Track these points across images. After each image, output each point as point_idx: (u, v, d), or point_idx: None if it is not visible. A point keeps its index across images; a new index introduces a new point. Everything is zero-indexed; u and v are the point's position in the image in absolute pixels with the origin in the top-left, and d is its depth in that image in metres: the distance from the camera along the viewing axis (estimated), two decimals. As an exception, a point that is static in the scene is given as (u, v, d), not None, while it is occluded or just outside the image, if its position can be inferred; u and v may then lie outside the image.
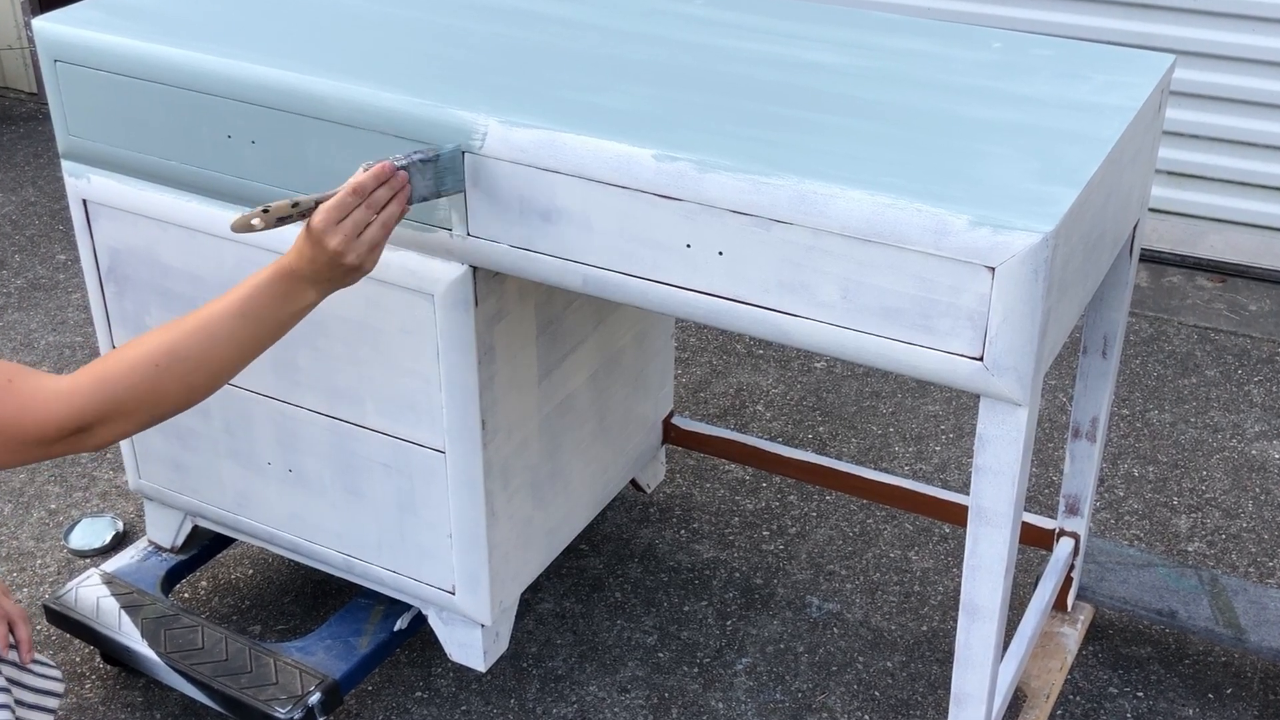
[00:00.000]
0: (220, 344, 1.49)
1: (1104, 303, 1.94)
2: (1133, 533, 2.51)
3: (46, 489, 2.60)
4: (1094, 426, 2.04)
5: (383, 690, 2.15)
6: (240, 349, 1.51)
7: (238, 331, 1.50)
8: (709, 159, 1.48)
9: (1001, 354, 1.40)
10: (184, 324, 1.50)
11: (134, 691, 2.14)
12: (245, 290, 1.51)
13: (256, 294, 1.50)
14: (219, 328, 1.49)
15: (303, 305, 1.53)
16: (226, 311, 1.50)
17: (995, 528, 1.52)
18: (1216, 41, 3.20)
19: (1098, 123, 1.57)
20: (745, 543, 2.48)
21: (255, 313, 1.50)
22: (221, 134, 1.78)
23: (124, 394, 1.47)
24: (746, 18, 1.89)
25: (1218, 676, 2.18)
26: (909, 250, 1.40)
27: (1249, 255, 3.40)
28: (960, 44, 1.81)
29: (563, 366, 2.01)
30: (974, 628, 1.61)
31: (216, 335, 1.49)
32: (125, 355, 1.48)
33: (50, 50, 1.87)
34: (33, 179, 3.90)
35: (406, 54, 1.77)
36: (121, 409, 1.47)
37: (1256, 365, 3.05)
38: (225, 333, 1.49)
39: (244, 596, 2.34)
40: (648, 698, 2.14)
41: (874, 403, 2.90)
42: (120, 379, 1.47)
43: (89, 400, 1.46)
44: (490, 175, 1.61)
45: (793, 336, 1.51)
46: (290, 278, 1.51)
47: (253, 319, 1.50)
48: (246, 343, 1.52)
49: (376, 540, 1.98)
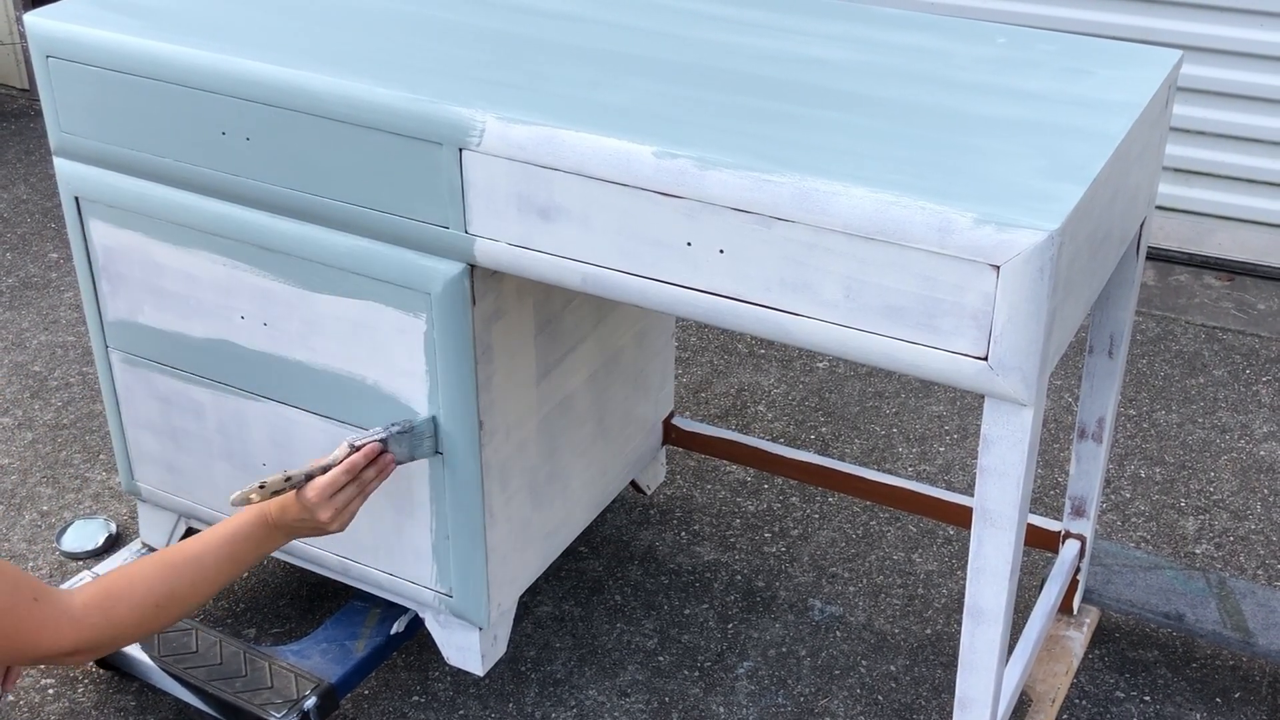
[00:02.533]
0: (207, 583, 1.73)
1: (1110, 301, 1.94)
2: (1139, 535, 2.51)
3: (39, 490, 2.60)
4: (1100, 427, 2.04)
5: (379, 694, 2.15)
6: (220, 585, 1.75)
7: (223, 571, 1.74)
8: (710, 156, 1.48)
9: (1006, 353, 1.41)
10: (178, 564, 1.72)
11: (127, 696, 2.14)
12: (230, 535, 1.74)
13: (240, 540, 1.74)
14: (209, 570, 1.73)
15: (273, 548, 1.79)
16: (216, 555, 1.73)
17: (1000, 530, 1.53)
18: (1224, 36, 3.21)
19: (1104, 119, 1.58)
20: (747, 545, 2.48)
21: (237, 556, 1.75)
22: (215, 130, 1.79)
23: (125, 630, 1.69)
24: (748, 12, 1.90)
25: (1226, 680, 2.18)
26: (912, 248, 1.40)
27: (1257, 253, 3.41)
28: (964, 39, 1.81)
29: (562, 366, 2.01)
30: (978, 631, 1.61)
31: (206, 576, 1.73)
32: (129, 596, 1.68)
33: (42, 46, 1.88)
34: (24, 176, 3.90)
35: (403, 49, 1.78)
36: (119, 639, 1.70)
37: (1265, 365, 3.05)
38: (213, 574, 1.73)
39: (238, 599, 2.34)
40: (648, 702, 2.14)
41: (877, 403, 2.90)
42: (124, 618, 1.68)
43: (95, 633, 1.66)
44: (488, 172, 1.61)
45: (795, 336, 1.52)
46: (271, 528, 1.75)
47: (234, 561, 1.75)
48: (225, 580, 1.75)
49: (373, 542, 1.98)
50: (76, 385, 2.93)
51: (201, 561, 1.72)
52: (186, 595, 1.71)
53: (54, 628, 1.63)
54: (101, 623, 1.66)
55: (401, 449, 1.79)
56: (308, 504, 1.72)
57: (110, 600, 1.67)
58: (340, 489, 1.73)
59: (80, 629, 1.64)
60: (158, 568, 1.70)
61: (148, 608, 1.68)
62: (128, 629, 1.68)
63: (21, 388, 2.92)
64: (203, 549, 1.72)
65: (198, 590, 1.72)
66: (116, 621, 1.67)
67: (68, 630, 1.63)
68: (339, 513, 1.74)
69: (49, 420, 2.81)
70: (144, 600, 1.68)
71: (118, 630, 1.67)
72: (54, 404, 2.86)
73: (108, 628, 1.66)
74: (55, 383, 2.94)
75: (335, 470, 1.72)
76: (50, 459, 2.69)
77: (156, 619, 1.70)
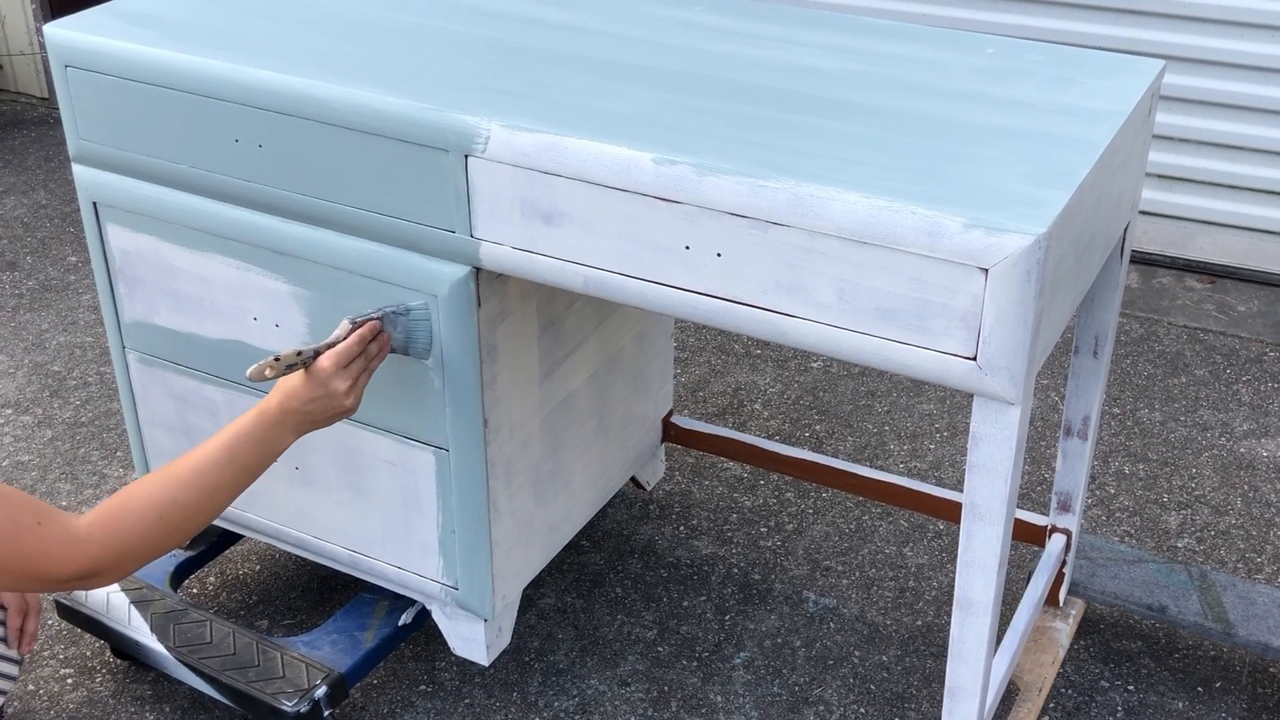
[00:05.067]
0: (213, 489, 1.65)
1: (1095, 303, 1.94)
2: (1123, 529, 2.51)
3: (58, 486, 2.61)
4: (1085, 425, 2.04)
5: (387, 684, 2.16)
6: (230, 491, 1.67)
7: (227, 476, 1.66)
8: (708, 162, 1.48)
9: (995, 354, 1.41)
10: (180, 472, 1.64)
11: (143, 685, 2.15)
12: (231, 438, 1.66)
13: (239, 441, 1.66)
14: (211, 475, 1.65)
15: (282, 448, 1.70)
16: (216, 460, 1.65)
17: (988, 524, 1.53)
18: (1206, 47, 3.20)
19: (1089, 127, 1.57)
20: (743, 539, 2.49)
21: (241, 459, 1.66)
22: (229, 138, 1.79)
23: (133, 544, 1.61)
24: (744, 23, 1.90)
25: (1207, 670, 2.19)
26: (904, 252, 1.41)
27: (1237, 257, 3.41)
28: (954, 49, 1.81)
29: (564, 366, 2.02)
30: (968, 622, 1.61)
31: (210, 482, 1.65)
32: (132, 507, 1.61)
33: (61, 56, 1.88)
34: (44, 182, 3.91)
35: (410, 59, 1.78)
36: (129, 555, 1.61)
37: (1245, 365, 3.06)
38: (217, 479, 1.65)
39: (251, 592, 2.35)
40: (648, 691, 2.15)
41: (869, 402, 2.90)
42: (129, 530, 1.60)
43: (102, 550, 1.59)
44: (492, 178, 1.62)
45: (790, 336, 1.52)
46: (274, 423, 1.67)
47: (235, 464, 1.66)
48: (235, 485, 1.67)
49: (381, 536, 1.99)
50: (94, 384, 2.94)
51: (201, 467, 1.64)
52: (190, 503, 1.63)
53: (60, 551, 1.56)
54: (107, 540, 1.59)
55: (397, 333, 1.75)
56: (323, 376, 1.66)
57: (113, 516, 1.60)
58: (353, 360, 1.68)
59: (88, 548, 1.58)
60: (158, 479, 1.64)
61: (151, 518, 1.61)
62: (135, 544, 1.61)
63: (41, 387, 2.93)
64: (201, 455, 1.65)
65: (201, 498, 1.64)
66: (122, 536, 1.60)
67: (75, 552, 1.57)
68: (353, 385, 1.68)
69: (68, 418, 2.82)
70: (147, 511, 1.61)
71: (125, 545, 1.60)
72: (73, 402, 2.87)
73: (114, 544, 1.59)
74: (74, 382, 2.95)
75: (347, 341, 1.68)
76: (69, 456, 2.70)
77: (161, 530, 1.62)
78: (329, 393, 1.67)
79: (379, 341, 1.73)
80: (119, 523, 1.60)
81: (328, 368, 1.66)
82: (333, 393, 1.67)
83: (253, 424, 1.67)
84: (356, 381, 1.69)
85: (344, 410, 1.70)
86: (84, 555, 1.58)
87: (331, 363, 1.66)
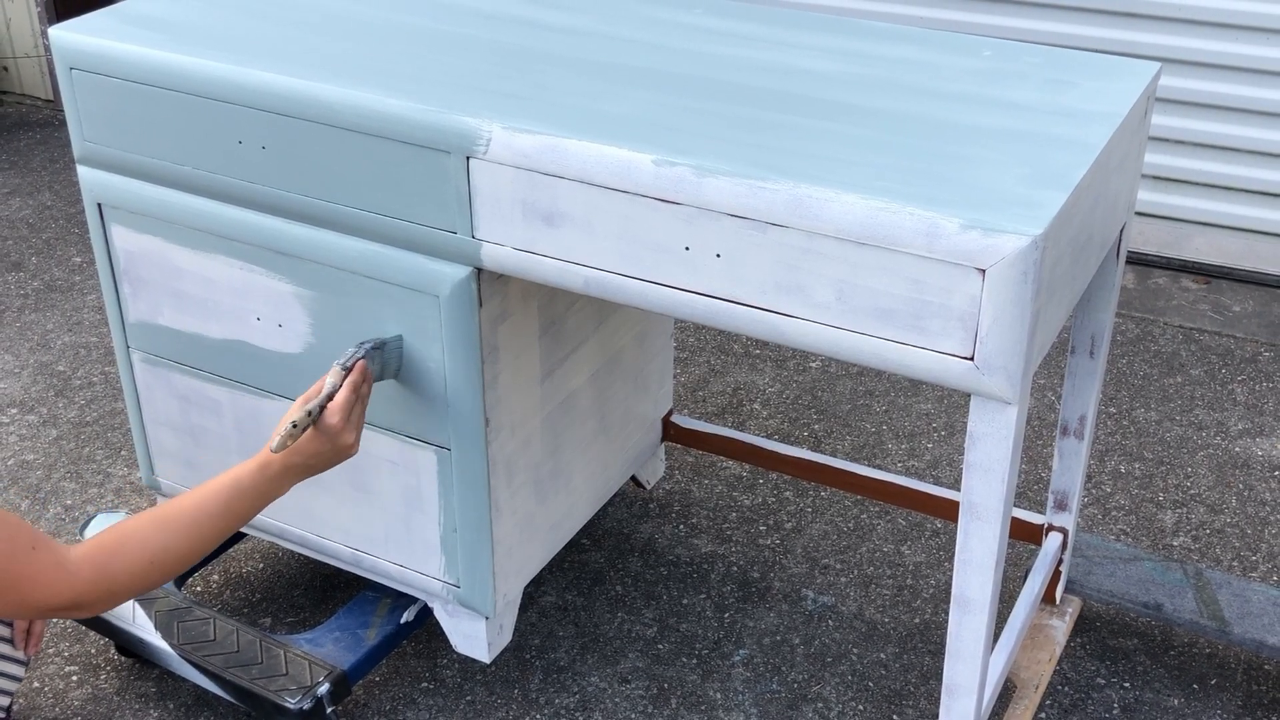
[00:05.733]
0: (205, 539, 1.67)
1: (1091, 304, 1.94)
2: (1119, 528, 2.52)
3: (62, 485, 2.62)
4: (1082, 424, 2.04)
5: (390, 681, 2.16)
6: (221, 537, 1.69)
7: (220, 526, 1.68)
8: (707, 164, 1.49)
9: (992, 354, 1.41)
10: (175, 519, 1.66)
11: (148, 682, 2.16)
12: (231, 490, 1.68)
13: (237, 494, 1.68)
14: (206, 526, 1.67)
15: (278, 495, 1.72)
16: (212, 511, 1.67)
17: (986, 523, 1.54)
18: (1201, 50, 3.21)
19: (1086, 129, 1.58)
20: (743, 537, 2.49)
21: (234, 510, 1.68)
22: (232, 139, 1.80)
23: (120, 584, 1.64)
24: (743, 26, 1.91)
25: (1202, 667, 2.19)
26: (901, 253, 1.41)
27: (1233, 258, 3.41)
28: (952, 52, 1.81)
29: (565, 366, 2.03)
30: (965, 620, 1.62)
31: (204, 531, 1.67)
32: (125, 550, 1.63)
33: (66, 58, 1.89)
34: (49, 183, 3.92)
35: (412, 62, 1.78)
36: (115, 594, 1.64)
37: (1240, 365, 3.06)
38: (210, 529, 1.67)
39: (255, 590, 2.36)
40: (647, 688, 2.15)
41: (868, 401, 2.91)
42: (118, 572, 1.63)
43: (90, 587, 1.61)
44: (494, 180, 1.62)
45: (789, 337, 1.52)
46: (279, 475, 1.69)
47: (230, 515, 1.68)
48: (226, 532, 1.69)
49: (384, 535, 2.00)
50: (99, 384, 2.95)
51: (197, 518, 1.66)
52: (182, 550, 1.66)
53: (50, 579, 1.59)
54: (96, 578, 1.62)
55: (374, 365, 1.79)
56: (332, 430, 1.68)
57: (105, 556, 1.63)
58: (353, 410, 1.71)
59: (76, 583, 1.60)
60: (153, 524, 1.65)
61: (143, 564, 1.64)
62: (122, 584, 1.64)
63: (46, 386, 2.94)
64: (198, 504, 1.67)
65: (193, 545, 1.67)
66: (111, 578, 1.63)
67: (64, 583, 1.59)
68: (358, 430, 1.72)
69: (73, 418, 2.83)
70: (139, 557, 1.63)
71: (113, 585, 1.63)
72: (78, 402, 2.88)
73: (103, 583, 1.62)
74: (79, 382, 2.96)
75: (344, 391, 1.70)
76: (74, 455, 2.71)
77: (150, 575, 1.65)
78: (337, 446, 1.70)
79: (367, 381, 1.75)
80: (108, 563, 1.63)
81: (336, 424, 1.69)
82: (344, 445, 1.70)
83: (254, 478, 1.69)
84: (359, 425, 1.73)
85: (349, 453, 1.73)
86: (71, 588, 1.60)
87: (339, 417, 1.69)
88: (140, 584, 1.65)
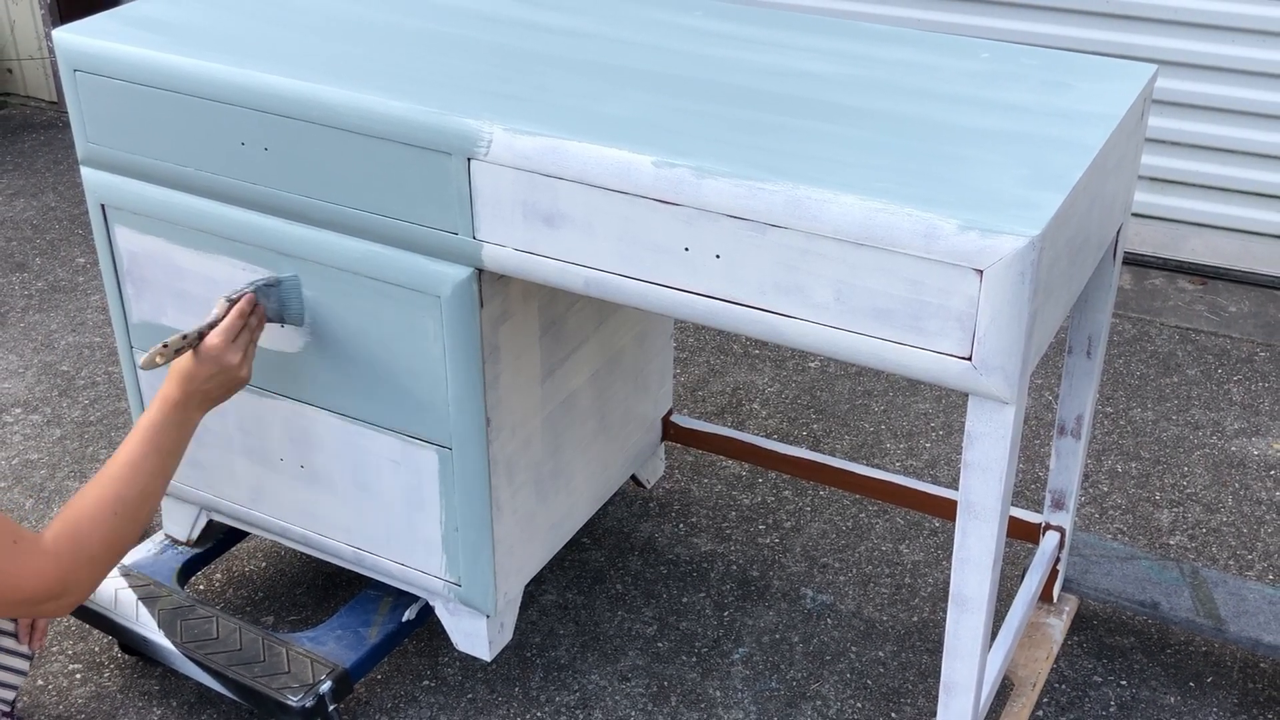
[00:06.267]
0: (149, 478, 1.73)
1: (1088, 304, 1.95)
2: (1116, 527, 2.53)
3: (66, 485, 2.62)
4: (1079, 424, 2.05)
5: (391, 679, 2.17)
6: (164, 477, 1.76)
7: (156, 464, 1.74)
8: (707, 165, 1.49)
9: (989, 354, 1.42)
10: (114, 472, 1.71)
11: (151, 680, 2.16)
12: (147, 429, 1.74)
13: (160, 431, 1.74)
14: (143, 467, 1.72)
15: (193, 426, 1.79)
16: (143, 452, 1.73)
17: (983, 522, 1.54)
18: (1197, 52, 3.22)
19: (1083, 130, 1.58)
20: (742, 536, 2.50)
21: (162, 445, 1.74)
22: (235, 141, 1.80)
23: (95, 547, 1.67)
24: (743, 28, 1.91)
25: (1198, 665, 2.20)
26: (900, 253, 1.42)
27: (1229, 258, 3.42)
28: (949, 54, 1.82)
29: (565, 366, 2.03)
30: (963, 618, 1.62)
31: (145, 472, 1.72)
32: (86, 513, 1.67)
33: (70, 60, 1.89)
34: (53, 185, 3.93)
35: (414, 64, 1.79)
36: (96, 561, 1.67)
37: (1236, 365, 3.07)
38: (149, 469, 1.73)
39: (257, 588, 2.36)
40: (647, 686, 2.16)
41: (866, 401, 2.91)
42: (90, 535, 1.66)
43: (73, 560, 1.65)
44: (495, 181, 1.63)
45: (787, 337, 1.53)
46: (180, 406, 1.75)
47: (161, 451, 1.74)
48: (165, 470, 1.75)
49: (385, 534, 2.00)
50: (103, 384, 2.96)
51: (131, 461, 1.71)
52: (133, 496, 1.70)
53: (36, 568, 1.60)
54: (74, 548, 1.64)
55: (271, 304, 1.83)
56: (214, 352, 1.74)
57: (71, 524, 1.65)
58: (239, 334, 1.77)
59: (60, 563, 1.62)
60: (96, 485, 1.69)
61: (107, 517, 1.67)
62: (98, 548, 1.66)
63: (50, 386, 2.95)
64: (128, 453, 1.72)
65: (143, 486, 1.71)
66: (85, 543, 1.65)
67: (49, 568, 1.61)
68: (244, 356, 1.77)
69: (76, 417, 2.83)
70: (101, 512, 1.67)
71: (92, 552, 1.65)
72: (81, 402, 2.89)
73: (81, 552, 1.64)
74: (82, 381, 2.97)
75: (230, 316, 1.77)
76: (77, 454, 2.72)
77: (118, 528, 1.68)
78: (223, 367, 1.75)
79: (256, 314, 1.81)
80: (77, 529, 1.66)
81: (218, 344, 1.75)
82: (226, 366, 1.76)
83: (162, 412, 1.74)
84: (246, 353, 1.78)
85: (240, 381, 1.79)
86: (57, 570, 1.62)
87: (220, 339, 1.75)
88: (112, 542, 1.68)
